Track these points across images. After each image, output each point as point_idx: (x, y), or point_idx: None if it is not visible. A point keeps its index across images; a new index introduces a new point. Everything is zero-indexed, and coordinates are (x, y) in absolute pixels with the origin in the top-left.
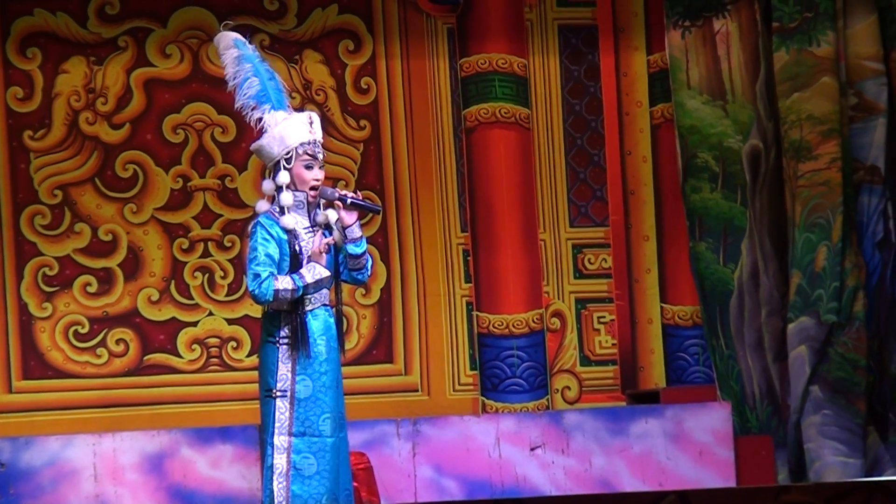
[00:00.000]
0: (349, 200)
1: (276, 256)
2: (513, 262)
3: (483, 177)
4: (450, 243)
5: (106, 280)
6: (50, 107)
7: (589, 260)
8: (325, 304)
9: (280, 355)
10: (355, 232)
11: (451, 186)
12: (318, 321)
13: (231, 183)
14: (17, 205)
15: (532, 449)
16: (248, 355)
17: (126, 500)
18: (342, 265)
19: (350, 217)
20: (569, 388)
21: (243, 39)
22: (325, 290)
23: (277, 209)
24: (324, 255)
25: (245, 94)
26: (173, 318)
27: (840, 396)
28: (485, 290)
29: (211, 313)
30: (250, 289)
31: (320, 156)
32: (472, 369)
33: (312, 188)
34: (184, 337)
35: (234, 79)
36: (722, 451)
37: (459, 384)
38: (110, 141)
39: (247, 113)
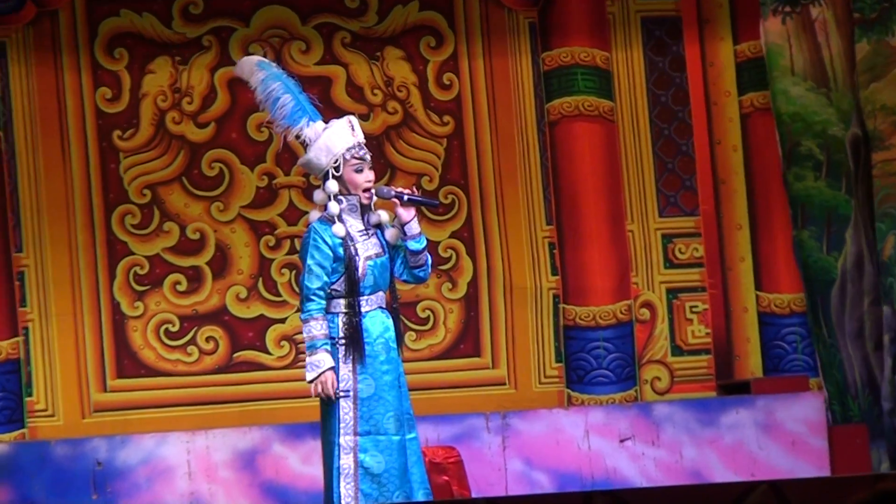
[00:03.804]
0: (406, 197)
1: (328, 263)
2: (599, 254)
3: (567, 169)
4: (535, 236)
5: (195, 278)
6: (137, 107)
7: (679, 250)
8: (381, 307)
9: (340, 356)
10: (414, 228)
11: (536, 180)
12: (375, 322)
13: (315, 180)
14: (108, 204)
15: (621, 441)
16: None
17: (220, 497)
18: (402, 264)
19: (408, 214)
20: (659, 378)
21: (266, 60)
22: (381, 292)
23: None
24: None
25: (280, 115)
26: (262, 316)
27: None
28: (571, 283)
29: (299, 310)
30: (301, 296)
31: (368, 157)
32: (557, 362)
33: (366, 190)
34: (272, 334)
35: (267, 100)
36: (815, 440)
37: (545, 377)
38: (196, 140)
39: (284, 131)
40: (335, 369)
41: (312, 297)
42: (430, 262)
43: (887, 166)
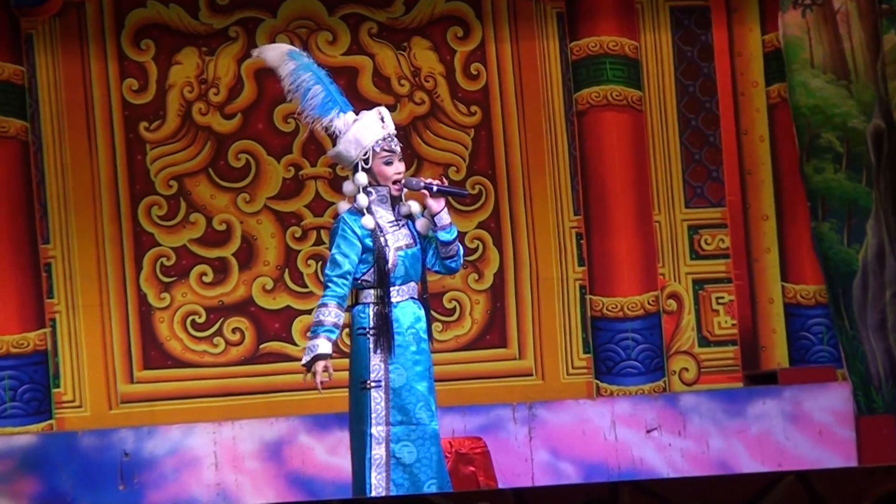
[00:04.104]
0: (435, 188)
1: (353, 253)
2: (627, 245)
3: (595, 159)
4: (562, 227)
5: (221, 269)
6: (164, 98)
7: (705, 241)
8: (412, 297)
9: (371, 346)
10: (444, 219)
11: (563, 170)
12: (406, 312)
13: (342, 171)
14: (134, 196)
15: (648, 431)
16: None
17: (246, 487)
18: (434, 255)
19: (438, 204)
20: (687, 369)
21: (297, 49)
22: (412, 283)
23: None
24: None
25: (310, 105)
26: (288, 307)
27: None
28: (598, 274)
29: None
30: (323, 280)
31: (397, 149)
32: (585, 353)
33: (395, 182)
34: (298, 325)
35: (297, 91)
36: (842, 430)
37: (573, 368)
38: (223, 131)
39: (314, 123)
40: (326, 357)
41: (328, 284)
42: (461, 252)
43: None
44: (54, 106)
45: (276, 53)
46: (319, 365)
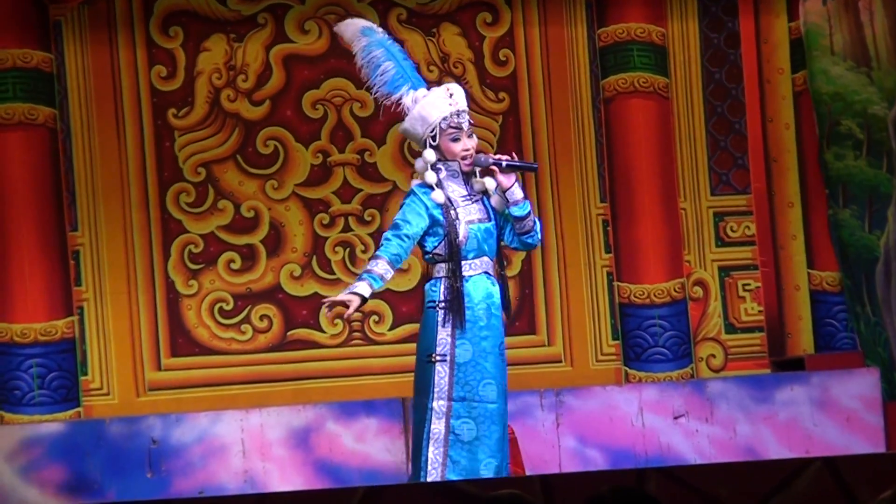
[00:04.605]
0: (504, 164)
1: (416, 222)
2: (653, 232)
3: (622, 147)
4: (589, 214)
5: (249, 256)
6: (192, 85)
7: (731, 228)
8: (486, 272)
9: (439, 320)
10: (516, 194)
11: (590, 157)
12: (478, 287)
13: (370, 157)
14: (162, 183)
15: (675, 418)
16: (390, 329)
17: (273, 475)
18: (511, 231)
19: (508, 180)
20: (714, 356)
21: (371, 25)
22: (485, 258)
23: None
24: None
25: (381, 81)
26: (315, 294)
27: None
28: (625, 260)
29: None
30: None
31: (465, 125)
32: (613, 339)
33: (464, 158)
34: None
35: (368, 66)
36: (871, 416)
37: (602, 354)
38: (251, 118)
39: (384, 98)
40: (361, 301)
41: (383, 242)
42: (538, 227)
43: None
44: (83, 93)
45: (351, 30)
46: (349, 297)
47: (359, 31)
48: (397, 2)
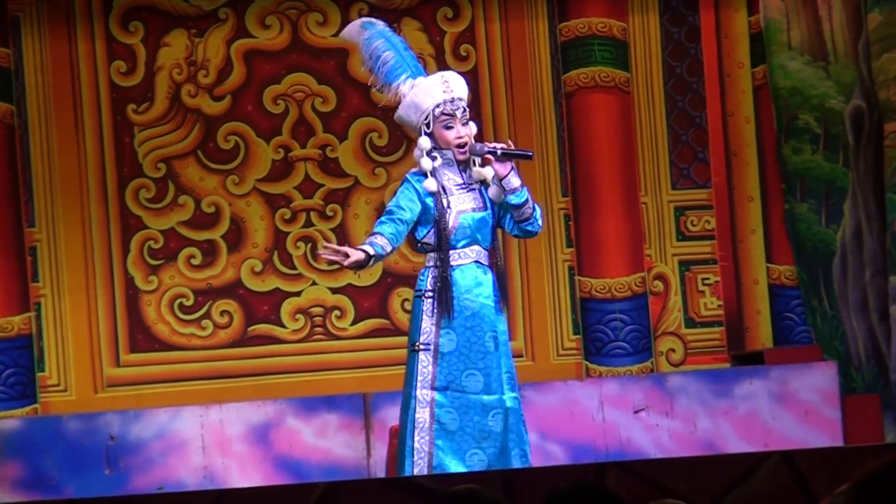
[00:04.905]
0: (499, 152)
1: (408, 207)
2: (614, 226)
3: (583, 141)
4: (551, 208)
5: (209, 252)
6: (152, 80)
7: (692, 222)
8: (476, 261)
9: (425, 309)
10: (512, 182)
11: (552, 152)
12: (466, 277)
13: (332, 152)
14: (121, 179)
15: (636, 412)
16: (352, 324)
17: (233, 471)
18: (510, 220)
19: (504, 168)
20: (674, 350)
21: (370, 19)
22: (478, 247)
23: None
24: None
25: (381, 73)
26: (277, 289)
27: None
28: (586, 255)
29: (314, 283)
30: None
31: (459, 113)
32: (574, 334)
33: (458, 146)
34: (287, 307)
35: (370, 59)
36: (828, 410)
37: (563, 349)
38: (212, 113)
39: (386, 90)
40: (364, 262)
41: (378, 223)
42: (538, 215)
43: None
44: (41, 89)
45: (353, 30)
46: (348, 249)
47: (359, 27)
48: None
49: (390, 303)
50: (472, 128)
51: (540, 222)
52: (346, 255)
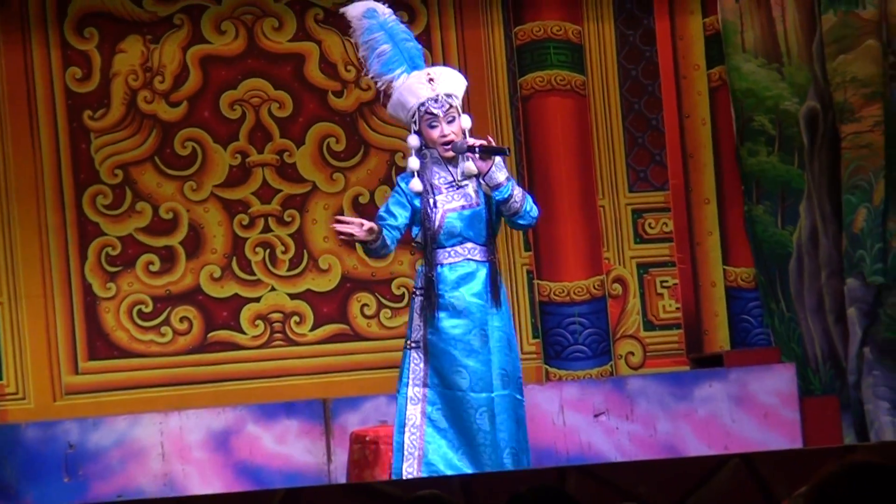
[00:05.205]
0: (477, 148)
1: (398, 212)
2: (572, 230)
3: (540, 145)
4: None
5: (168, 258)
6: (108, 86)
7: (649, 224)
8: (469, 258)
9: (416, 307)
10: (493, 179)
11: (509, 155)
12: (454, 274)
13: (289, 158)
14: (78, 185)
15: (596, 415)
16: (311, 330)
17: (193, 477)
18: (500, 214)
19: (484, 164)
20: (633, 353)
21: (375, 7)
22: (470, 244)
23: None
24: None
25: (375, 64)
26: (236, 295)
27: (887, 357)
28: (545, 258)
29: (273, 288)
30: None
31: (440, 111)
32: (534, 338)
33: (444, 144)
34: (247, 313)
35: (367, 50)
36: (787, 412)
37: (522, 353)
38: (168, 119)
39: (379, 81)
40: (376, 238)
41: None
42: (528, 207)
43: (858, 138)
44: None
45: (355, 13)
46: (364, 220)
47: (361, 14)
48: (314, 2)
49: (349, 308)
50: (465, 122)
51: (533, 214)
52: (361, 225)
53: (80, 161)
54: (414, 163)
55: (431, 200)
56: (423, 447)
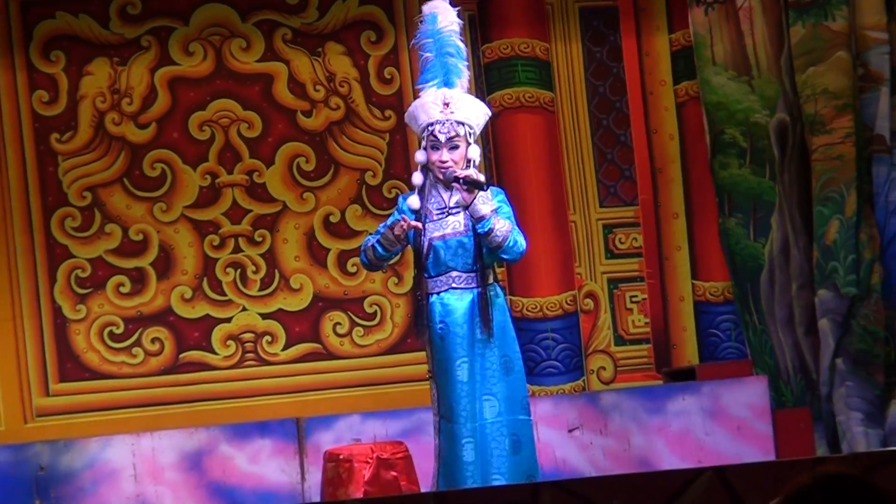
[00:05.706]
0: (461, 180)
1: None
2: (543, 245)
3: (509, 161)
4: None
5: (138, 280)
6: (76, 109)
7: (619, 240)
8: (453, 287)
9: (426, 338)
10: (476, 212)
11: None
12: (440, 303)
13: (259, 178)
14: (46, 208)
15: (570, 431)
16: (283, 349)
17: (167, 498)
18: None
19: (469, 196)
20: (604, 368)
21: (438, 13)
22: (455, 273)
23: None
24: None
25: (420, 71)
26: (207, 315)
27: (861, 368)
28: (517, 275)
29: (244, 308)
30: None
31: (443, 137)
32: None
33: (439, 168)
34: (218, 333)
35: (419, 54)
36: (760, 425)
37: None
38: (137, 141)
39: (419, 86)
40: (405, 236)
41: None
42: (510, 243)
43: (829, 150)
44: None
45: (423, 14)
46: (404, 217)
47: (424, 16)
48: (282, 22)
49: (322, 327)
50: (472, 152)
51: (518, 249)
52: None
53: (47, 184)
54: (417, 178)
55: (422, 226)
56: (437, 475)
